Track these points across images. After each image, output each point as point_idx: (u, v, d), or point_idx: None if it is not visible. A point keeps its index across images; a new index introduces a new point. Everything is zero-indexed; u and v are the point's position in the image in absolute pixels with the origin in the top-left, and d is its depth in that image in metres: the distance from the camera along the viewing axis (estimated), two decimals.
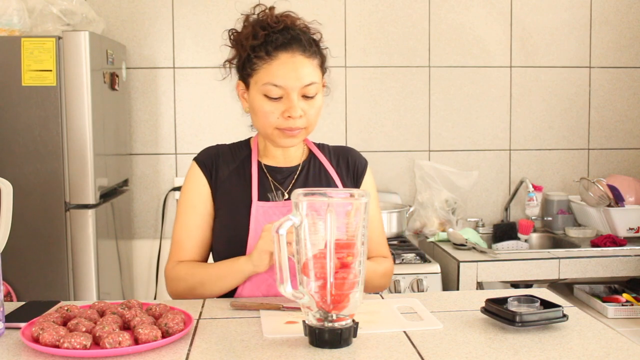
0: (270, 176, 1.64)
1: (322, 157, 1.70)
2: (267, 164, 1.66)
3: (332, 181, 1.66)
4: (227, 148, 1.69)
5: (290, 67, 1.52)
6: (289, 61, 1.52)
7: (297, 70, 1.52)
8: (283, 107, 1.53)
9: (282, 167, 1.66)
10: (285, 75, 1.51)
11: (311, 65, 1.54)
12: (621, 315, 2.56)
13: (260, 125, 1.59)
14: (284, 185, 1.63)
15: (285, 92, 1.52)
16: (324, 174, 1.67)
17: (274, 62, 1.52)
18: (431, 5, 3.18)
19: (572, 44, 3.26)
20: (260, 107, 1.55)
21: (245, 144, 1.71)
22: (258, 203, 1.59)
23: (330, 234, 1.14)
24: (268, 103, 1.54)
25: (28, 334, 1.19)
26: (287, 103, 1.52)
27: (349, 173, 1.70)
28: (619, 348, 1.17)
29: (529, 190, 3.01)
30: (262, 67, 1.53)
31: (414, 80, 3.20)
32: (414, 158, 3.20)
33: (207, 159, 1.65)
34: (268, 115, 1.54)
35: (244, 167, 1.65)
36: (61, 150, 2.38)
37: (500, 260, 2.57)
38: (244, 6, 1.69)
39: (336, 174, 1.68)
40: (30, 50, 2.33)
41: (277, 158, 1.67)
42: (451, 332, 1.26)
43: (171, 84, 3.11)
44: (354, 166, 1.71)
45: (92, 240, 2.43)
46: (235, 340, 1.22)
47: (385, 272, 1.66)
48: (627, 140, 3.32)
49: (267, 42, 1.53)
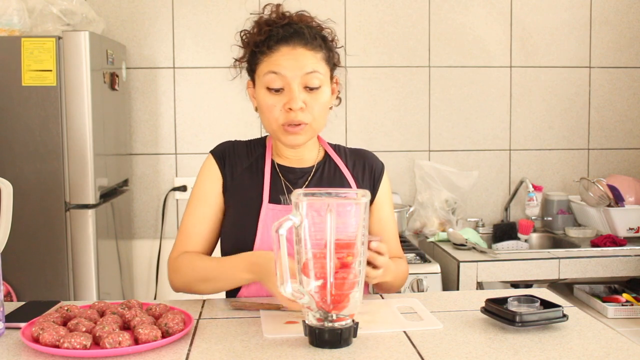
0: (283, 176, 1.62)
1: (337, 159, 1.66)
2: (280, 163, 1.64)
3: (347, 184, 1.63)
4: (243, 144, 1.67)
5: (291, 57, 1.51)
6: (289, 53, 1.51)
7: (298, 59, 1.51)
8: (285, 99, 1.51)
9: (296, 167, 1.63)
10: (286, 64, 1.50)
11: (313, 57, 1.53)
12: (621, 315, 2.56)
13: (266, 123, 1.57)
14: (296, 186, 1.60)
15: (286, 83, 1.50)
16: (339, 176, 1.64)
17: (274, 54, 1.52)
18: (431, 5, 3.18)
19: (572, 44, 3.26)
20: (263, 101, 1.54)
21: (261, 142, 1.69)
22: (268, 205, 1.56)
23: (330, 234, 1.14)
24: (270, 96, 1.52)
25: (28, 334, 1.19)
26: (288, 94, 1.51)
27: (364, 176, 1.67)
28: (619, 348, 1.17)
29: (529, 190, 3.02)
30: (264, 60, 1.53)
31: (414, 80, 3.20)
32: (414, 158, 3.20)
33: (224, 153, 1.64)
34: (271, 109, 1.52)
35: (258, 165, 1.63)
36: (61, 150, 2.38)
37: (500, 260, 2.57)
38: (254, 6, 1.69)
39: (352, 177, 1.64)
40: (30, 50, 2.33)
41: (290, 158, 1.64)
42: (451, 332, 1.26)
43: (171, 84, 3.11)
44: (371, 170, 1.68)
45: (92, 240, 2.43)
46: (235, 340, 1.22)
47: (405, 272, 1.66)
48: (627, 140, 3.32)
49: (270, 37, 1.53)
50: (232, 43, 1.63)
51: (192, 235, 1.60)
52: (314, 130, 1.57)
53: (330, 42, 1.60)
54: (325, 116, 1.58)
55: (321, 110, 1.55)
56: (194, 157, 3.13)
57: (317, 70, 1.52)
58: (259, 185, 1.60)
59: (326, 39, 1.59)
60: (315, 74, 1.52)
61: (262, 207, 1.56)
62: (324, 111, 1.56)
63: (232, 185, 1.61)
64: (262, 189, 1.59)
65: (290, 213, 1.52)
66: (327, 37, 1.60)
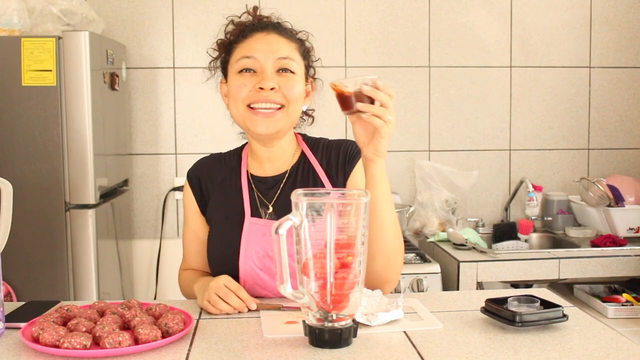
0: (256, 187, 1.56)
1: (312, 159, 1.58)
2: (253, 173, 1.58)
3: (321, 184, 1.54)
4: (217, 158, 1.65)
5: (264, 42, 1.50)
6: (263, 38, 1.51)
7: (271, 44, 1.49)
8: (256, 80, 1.47)
9: (268, 176, 1.57)
10: (259, 47, 1.49)
11: (287, 45, 1.51)
12: (621, 315, 2.56)
13: (232, 109, 1.51)
14: (267, 197, 1.55)
15: (259, 66, 1.48)
16: (312, 178, 1.55)
17: (247, 40, 1.52)
18: (431, 5, 3.18)
19: (572, 44, 3.26)
20: (233, 84, 1.49)
21: (237, 153, 1.65)
22: (251, 219, 1.52)
23: (330, 234, 1.14)
24: (241, 78, 1.49)
25: (28, 334, 1.19)
26: (260, 75, 1.47)
27: (338, 164, 1.55)
28: (619, 348, 1.17)
29: (529, 190, 3.02)
30: (238, 48, 1.52)
31: (414, 80, 3.20)
32: (414, 158, 3.20)
33: (196, 174, 1.63)
34: (240, 89, 1.47)
35: (232, 178, 1.59)
36: (61, 150, 2.38)
37: (500, 260, 2.57)
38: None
39: (325, 174, 1.55)
40: (30, 50, 2.33)
41: (263, 165, 1.57)
42: (451, 332, 1.26)
43: (171, 84, 3.11)
44: (345, 155, 1.56)
45: (92, 240, 2.43)
46: (235, 340, 1.22)
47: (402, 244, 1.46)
48: (627, 140, 3.32)
49: (244, 28, 1.54)
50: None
51: (188, 254, 1.67)
52: (289, 117, 1.50)
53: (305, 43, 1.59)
54: (300, 106, 1.53)
55: (297, 96, 1.49)
56: (194, 157, 3.08)
57: (291, 57, 1.50)
58: (238, 198, 1.56)
59: (302, 40, 1.58)
60: (289, 60, 1.49)
61: (245, 222, 1.52)
62: (300, 99, 1.51)
63: (210, 204, 1.60)
64: (241, 203, 1.55)
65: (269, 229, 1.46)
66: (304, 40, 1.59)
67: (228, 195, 1.58)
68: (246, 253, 1.51)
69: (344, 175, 1.55)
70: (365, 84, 1.33)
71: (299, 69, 1.52)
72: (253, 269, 1.50)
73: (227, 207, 1.57)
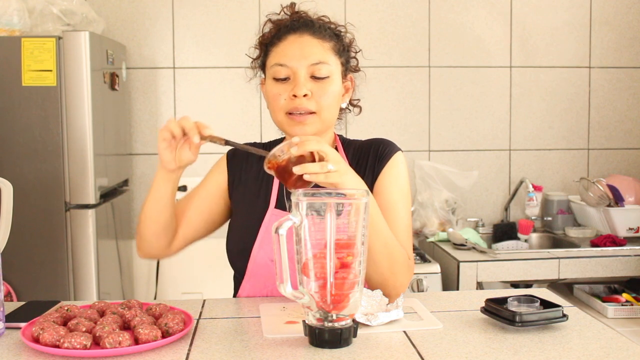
0: None
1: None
2: None
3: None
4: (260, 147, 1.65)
5: (297, 46, 1.50)
6: (296, 41, 1.51)
7: (304, 48, 1.50)
8: (290, 87, 1.49)
9: None
10: (292, 54, 1.49)
11: (321, 47, 1.51)
12: (621, 315, 2.56)
13: (273, 116, 1.54)
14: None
15: (292, 72, 1.49)
16: None
17: (281, 43, 1.52)
18: (431, 5, 3.18)
19: (572, 44, 3.26)
20: (270, 91, 1.52)
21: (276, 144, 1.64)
22: (274, 210, 1.54)
23: (330, 234, 1.14)
24: (276, 85, 1.50)
25: (28, 334, 1.19)
26: (293, 82, 1.49)
27: (367, 167, 1.56)
28: (619, 348, 1.17)
29: (528, 190, 3.02)
30: (272, 51, 1.53)
31: (414, 80, 3.20)
32: (414, 158, 3.20)
33: (238, 154, 1.64)
34: (277, 98, 1.50)
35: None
36: (61, 150, 2.38)
37: (500, 260, 2.57)
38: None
39: None
40: (31, 50, 2.33)
41: None
42: (451, 332, 1.26)
43: (171, 84, 3.11)
44: (375, 156, 1.56)
45: (92, 240, 2.43)
46: (235, 340, 1.22)
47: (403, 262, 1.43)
48: (627, 140, 3.32)
49: (279, 29, 1.54)
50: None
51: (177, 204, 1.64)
52: (322, 122, 1.51)
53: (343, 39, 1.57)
54: (335, 109, 1.54)
55: (330, 101, 1.50)
56: None
57: (323, 61, 1.50)
58: (267, 189, 1.58)
59: (339, 35, 1.57)
60: (322, 64, 1.49)
61: (267, 212, 1.54)
62: (333, 103, 1.52)
63: (240, 186, 1.61)
64: (269, 193, 1.57)
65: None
66: (341, 35, 1.58)
67: (261, 186, 1.59)
68: (262, 242, 1.52)
69: (373, 176, 1.55)
70: (289, 146, 1.28)
71: (334, 70, 1.52)
72: (265, 259, 1.51)
73: (255, 196, 1.58)
